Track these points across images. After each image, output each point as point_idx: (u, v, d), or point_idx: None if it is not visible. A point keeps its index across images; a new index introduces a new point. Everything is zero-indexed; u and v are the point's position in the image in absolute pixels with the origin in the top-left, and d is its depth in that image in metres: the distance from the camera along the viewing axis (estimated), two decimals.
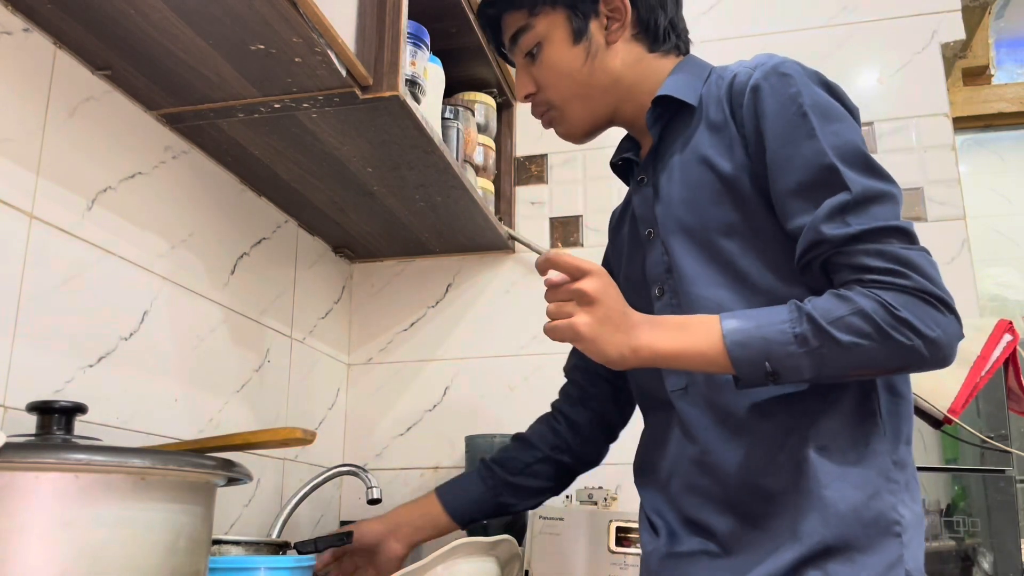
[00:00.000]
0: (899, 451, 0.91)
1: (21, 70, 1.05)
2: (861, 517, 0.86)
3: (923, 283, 0.84)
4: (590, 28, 1.03)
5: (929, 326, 0.83)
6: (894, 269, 0.84)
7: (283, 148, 1.39)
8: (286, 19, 1.05)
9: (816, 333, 0.84)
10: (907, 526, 0.88)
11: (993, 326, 1.34)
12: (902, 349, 0.83)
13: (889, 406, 0.92)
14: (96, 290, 1.15)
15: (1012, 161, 2.57)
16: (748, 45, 1.93)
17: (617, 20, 1.04)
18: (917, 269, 0.84)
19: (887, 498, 0.87)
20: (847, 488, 0.87)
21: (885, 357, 0.84)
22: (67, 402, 0.82)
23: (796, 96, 0.91)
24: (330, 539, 1.30)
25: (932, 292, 0.84)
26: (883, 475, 0.88)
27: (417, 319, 1.94)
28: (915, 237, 0.87)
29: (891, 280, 0.84)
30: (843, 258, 0.86)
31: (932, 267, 0.86)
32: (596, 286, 0.87)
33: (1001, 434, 1.35)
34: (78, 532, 0.70)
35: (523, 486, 1.22)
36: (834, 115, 0.91)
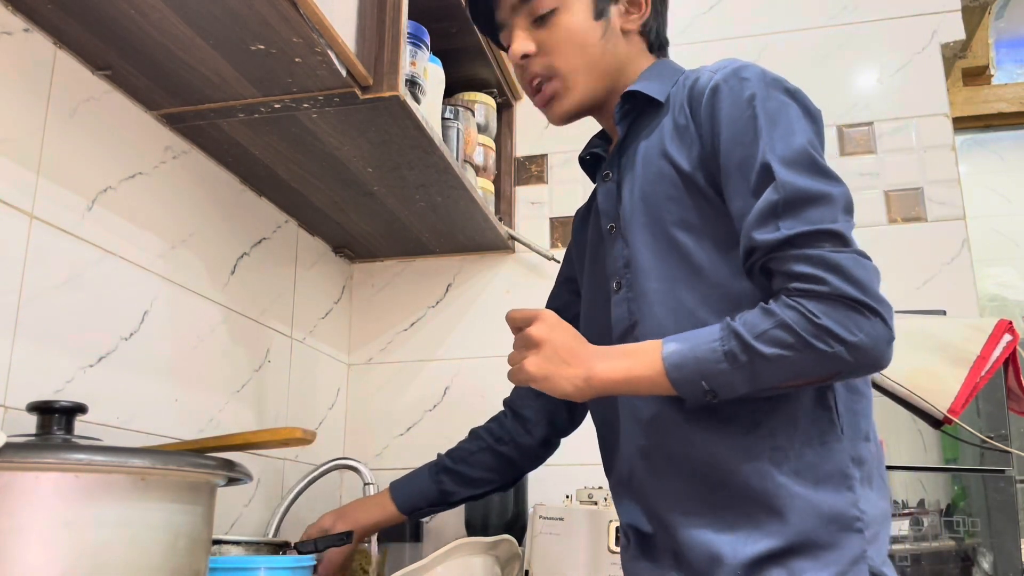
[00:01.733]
0: (858, 448, 0.91)
1: (21, 70, 1.05)
2: (821, 514, 0.87)
3: (843, 287, 0.83)
4: (610, 9, 1.04)
5: (851, 331, 0.82)
6: (817, 275, 0.83)
7: (283, 148, 1.39)
8: (286, 19, 1.05)
9: (743, 349, 0.85)
10: (869, 522, 0.88)
11: (993, 326, 1.34)
12: (825, 357, 0.83)
13: (847, 403, 0.92)
14: (96, 290, 1.15)
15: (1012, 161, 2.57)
16: (748, 45, 1.93)
17: (636, 12, 1.06)
18: (841, 273, 0.83)
19: (846, 495, 0.88)
20: (805, 487, 0.88)
21: (811, 366, 0.84)
22: (67, 402, 0.82)
23: (751, 99, 0.92)
24: (330, 539, 1.30)
25: (852, 296, 0.82)
26: (841, 472, 0.89)
27: (417, 319, 1.94)
28: (848, 239, 0.85)
29: (814, 287, 0.83)
30: (775, 264, 0.86)
31: (862, 269, 0.84)
32: (541, 329, 0.94)
33: (1001, 434, 1.35)
34: (78, 532, 0.70)
35: (464, 474, 1.24)
36: (784, 118, 0.91)
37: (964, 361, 1.32)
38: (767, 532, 0.88)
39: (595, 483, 1.51)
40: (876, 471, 0.93)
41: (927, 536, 1.37)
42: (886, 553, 0.90)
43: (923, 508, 1.39)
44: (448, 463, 1.25)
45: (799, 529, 0.87)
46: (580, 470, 1.62)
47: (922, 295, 1.71)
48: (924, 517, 1.37)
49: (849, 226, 0.87)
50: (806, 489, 0.88)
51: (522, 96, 1.99)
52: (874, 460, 0.92)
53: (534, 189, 1.97)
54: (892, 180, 1.80)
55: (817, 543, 0.87)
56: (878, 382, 1.33)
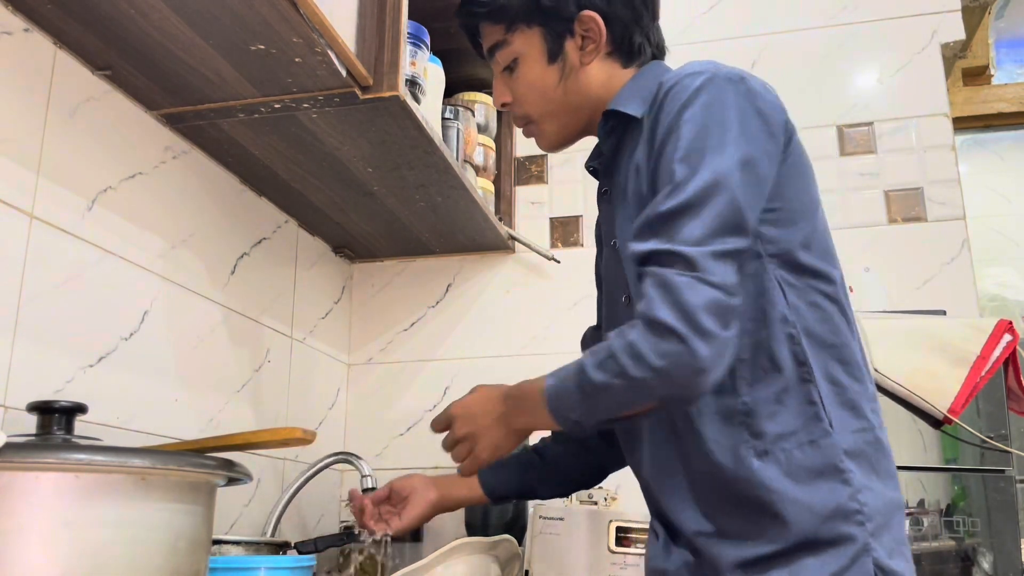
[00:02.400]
0: (851, 440, 0.89)
1: (21, 70, 1.05)
2: (818, 512, 0.86)
3: (656, 313, 0.82)
4: (565, 48, 1.03)
5: (658, 357, 0.81)
6: (652, 298, 0.83)
7: (283, 148, 1.39)
8: (286, 19, 1.05)
9: (585, 381, 0.87)
10: (871, 513, 0.87)
11: (993, 326, 1.34)
12: (637, 384, 0.83)
13: (833, 397, 0.90)
14: (96, 290, 1.15)
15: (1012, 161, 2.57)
16: (748, 45, 1.93)
17: (592, 41, 1.03)
18: (669, 297, 0.82)
19: (842, 489, 0.87)
20: (799, 488, 0.87)
21: (630, 394, 0.85)
22: (67, 402, 0.82)
23: (686, 104, 0.90)
24: (331, 539, 1.30)
25: (661, 321, 0.81)
26: (834, 467, 0.87)
27: (417, 319, 1.94)
28: (696, 263, 0.82)
29: (642, 310, 0.84)
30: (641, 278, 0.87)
31: (692, 294, 0.81)
32: (461, 426, 1.04)
33: (1001, 434, 1.35)
34: (78, 532, 0.70)
35: (550, 474, 1.24)
36: (714, 125, 0.88)
37: (964, 361, 1.32)
38: (770, 538, 0.88)
39: None
40: (879, 460, 0.91)
41: (927, 536, 1.36)
42: (899, 543, 0.89)
43: (923, 508, 1.39)
44: (536, 461, 1.24)
45: (799, 530, 0.86)
46: None
47: (922, 295, 1.71)
48: (924, 517, 1.37)
49: (709, 249, 0.83)
50: (801, 489, 0.87)
51: None
52: (875, 449, 0.91)
53: (534, 189, 1.97)
54: (892, 180, 1.80)
55: (818, 541, 0.86)
56: (878, 382, 1.33)
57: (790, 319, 0.90)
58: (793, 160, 0.94)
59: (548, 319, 1.85)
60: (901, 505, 0.91)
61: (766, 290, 0.90)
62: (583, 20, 1.02)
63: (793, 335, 0.90)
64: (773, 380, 0.90)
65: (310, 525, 1.71)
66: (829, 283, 0.93)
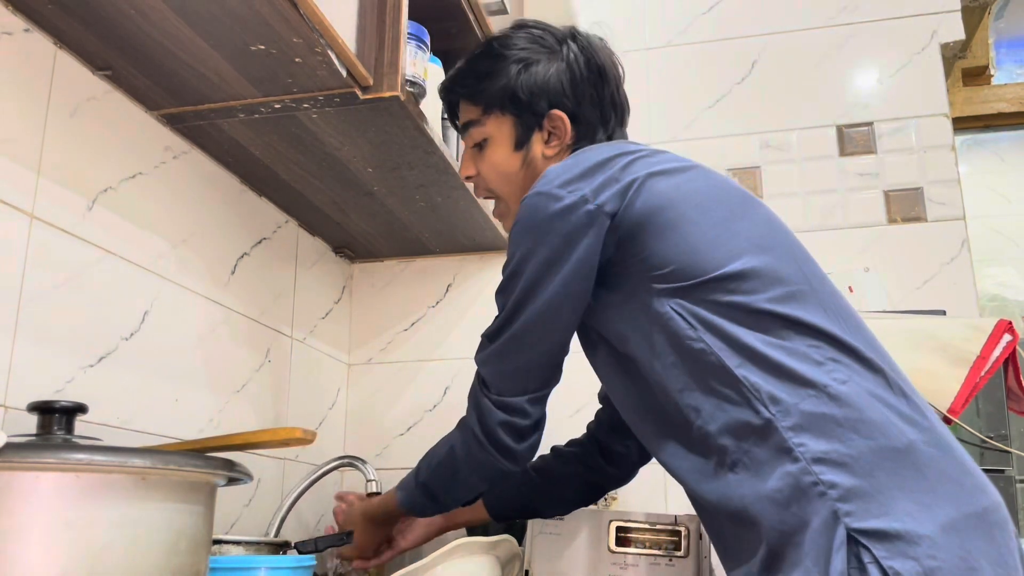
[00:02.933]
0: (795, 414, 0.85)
1: (21, 70, 1.05)
2: (779, 503, 0.84)
3: (468, 421, 1.08)
4: (531, 139, 1.11)
5: (469, 456, 1.09)
6: (467, 406, 1.08)
7: (283, 148, 1.39)
8: (286, 19, 1.05)
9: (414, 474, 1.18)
10: (835, 479, 0.81)
11: (993, 326, 1.34)
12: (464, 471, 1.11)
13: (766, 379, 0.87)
14: (96, 290, 1.15)
15: (1012, 161, 2.57)
16: (748, 45, 1.94)
17: (557, 137, 1.11)
18: (471, 411, 1.07)
19: (792, 468, 0.83)
20: (762, 484, 0.85)
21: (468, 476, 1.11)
22: (68, 402, 0.82)
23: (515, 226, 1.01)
24: (331, 539, 1.29)
25: (470, 428, 1.07)
26: (782, 450, 0.84)
27: (417, 319, 1.94)
28: (488, 383, 1.04)
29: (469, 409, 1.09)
30: None
31: (485, 413, 1.04)
32: (348, 548, 1.28)
33: (1001, 434, 1.35)
34: (79, 532, 0.70)
35: (553, 495, 1.29)
36: (518, 254, 0.99)
37: (964, 361, 1.32)
38: (754, 547, 0.87)
39: None
40: (839, 416, 0.84)
41: None
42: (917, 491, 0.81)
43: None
44: (537, 481, 1.28)
45: (770, 527, 0.84)
46: None
47: (922, 295, 1.71)
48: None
49: (496, 368, 1.04)
50: (764, 484, 0.85)
51: None
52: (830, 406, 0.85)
53: None
54: (892, 180, 1.80)
55: (789, 531, 0.83)
56: None
57: (696, 334, 0.90)
58: (643, 210, 0.94)
59: None
60: (902, 449, 0.83)
61: (666, 320, 0.92)
62: (552, 118, 1.10)
63: (704, 348, 0.90)
64: (712, 395, 0.90)
65: (310, 525, 1.71)
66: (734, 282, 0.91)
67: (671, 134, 1.94)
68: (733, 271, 0.92)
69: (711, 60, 1.96)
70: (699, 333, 0.91)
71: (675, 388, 0.93)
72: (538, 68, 1.10)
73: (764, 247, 0.95)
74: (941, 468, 0.83)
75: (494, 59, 1.12)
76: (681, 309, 0.92)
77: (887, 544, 0.78)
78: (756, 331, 0.90)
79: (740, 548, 0.90)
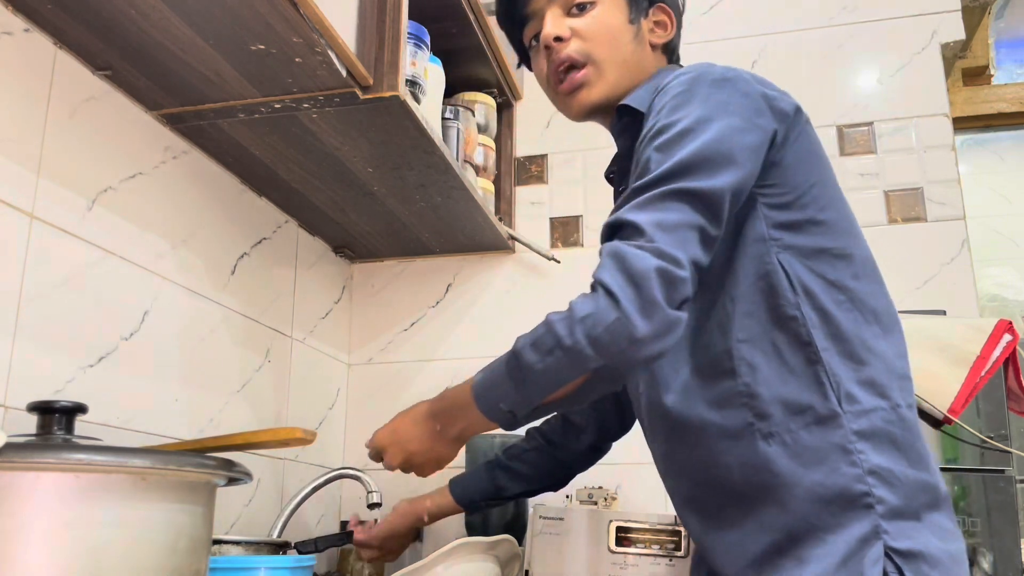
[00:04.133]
0: (864, 419, 0.86)
1: (21, 70, 1.05)
2: (820, 497, 0.84)
3: (601, 276, 0.80)
4: (641, 20, 1.07)
5: (594, 322, 0.79)
6: (599, 265, 0.82)
7: (283, 148, 1.39)
8: (286, 19, 1.05)
9: (516, 361, 0.85)
10: (885, 496, 0.83)
11: (993, 326, 1.34)
12: (570, 352, 0.80)
13: (846, 376, 0.87)
14: (96, 290, 1.15)
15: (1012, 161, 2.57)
16: (748, 45, 1.93)
17: (662, 29, 1.09)
18: (609, 262, 0.81)
19: (847, 471, 0.83)
20: (801, 471, 0.85)
21: (567, 365, 0.81)
22: (67, 402, 0.82)
23: (672, 101, 0.91)
24: (331, 539, 1.30)
25: (603, 285, 0.80)
26: (840, 448, 0.84)
27: (417, 319, 1.94)
28: (648, 234, 0.81)
29: (593, 275, 0.82)
30: None
31: (635, 260, 0.79)
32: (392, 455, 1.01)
33: (1001, 434, 1.35)
34: (78, 532, 0.70)
35: (517, 471, 1.31)
36: (690, 108, 0.88)
37: (964, 361, 1.32)
38: (769, 525, 0.86)
39: (595, 483, 1.51)
40: (905, 440, 0.86)
41: None
42: (933, 527, 0.85)
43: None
44: (503, 460, 1.31)
45: (800, 515, 0.84)
46: None
47: (922, 295, 1.71)
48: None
49: (669, 219, 0.82)
50: (806, 472, 0.84)
51: (522, 96, 1.99)
52: (900, 428, 0.87)
53: (534, 189, 1.97)
54: (892, 180, 1.80)
55: (821, 527, 0.83)
56: None
57: (795, 300, 0.88)
58: (799, 146, 0.93)
59: None
60: (935, 488, 0.86)
61: (769, 272, 0.89)
62: (661, 9, 1.08)
63: (798, 317, 0.88)
64: (778, 361, 0.88)
65: (310, 525, 1.71)
66: (844, 263, 0.91)
67: None
68: (848, 250, 0.91)
69: (711, 60, 1.95)
70: (798, 300, 0.88)
71: (738, 336, 0.89)
72: None
73: (863, 241, 0.96)
74: (946, 507, 0.88)
75: None
76: (790, 269, 0.89)
77: (914, 564, 0.81)
78: (853, 320, 0.89)
79: (741, 510, 0.89)
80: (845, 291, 0.90)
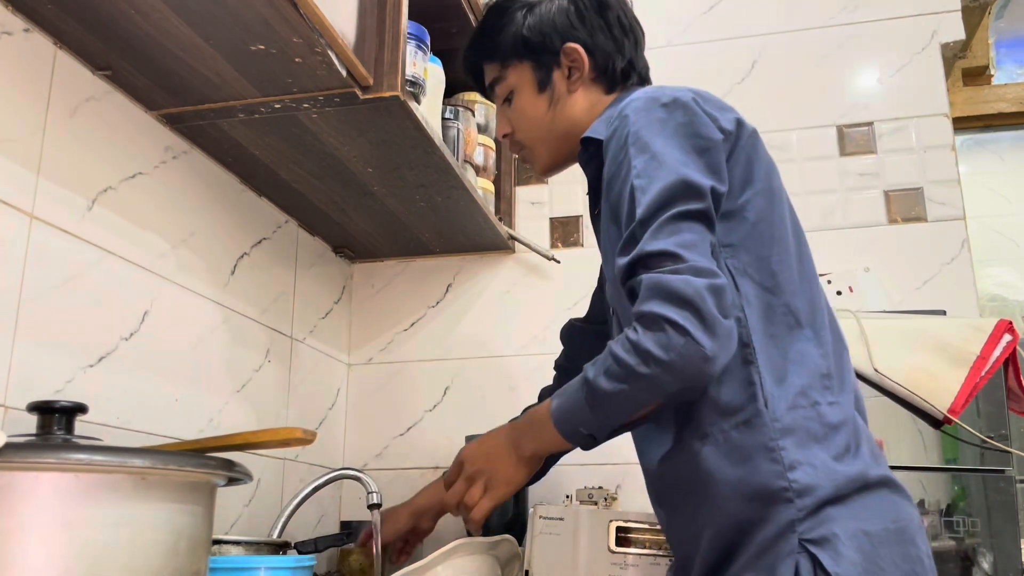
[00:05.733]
0: (790, 417, 0.89)
1: (21, 70, 1.05)
2: (743, 494, 0.88)
3: (652, 308, 0.84)
4: (553, 78, 1.13)
5: (664, 350, 0.83)
6: (646, 299, 0.85)
7: (283, 148, 1.39)
8: (286, 19, 1.05)
9: (592, 392, 0.90)
10: (803, 489, 0.86)
11: (993, 326, 1.34)
12: (647, 380, 0.85)
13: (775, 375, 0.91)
14: (96, 290, 1.15)
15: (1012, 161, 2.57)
16: (748, 45, 1.93)
17: (576, 70, 1.12)
18: (664, 294, 0.84)
19: (768, 468, 0.87)
20: (729, 469, 0.89)
21: (646, 391, 0.87)
22: (67, 402, 0.82)
23: (625, 132, 0.95)
24: (331, 539, 1.30)
25: (659, 316, 0.84)
26: (763, 447, 0.88)
27: (417, 319, 1.94)
28: (681, 256, 0.85)
29: (639, 310, 0.86)
30: (632, 290, 0.89)
31: (685, 287, 0.84)
32: (471, 464, 1.06)
33: (1001, 434, 1.35)
34: (78, 532, 0.70)
35: None
36: (655, 141, 0.93)
37: (964, 361, 1.32)
38: (710, 522, 0.91)
39: (595, 483, 1.51)
40: (821, 434, 0.89)
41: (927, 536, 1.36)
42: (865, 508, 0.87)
43: (923, 508, 1.39)
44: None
45: (728, 512, 0.89)
46: (580, 470, 1.62)
47: (922, 295, 1.71)
48: (924, 517, 1.37)
49: (688, 239, 0.87)
50: (735, 470, 0.89)
51: None
52: (815, 423, 0.90)
53: (534, 189, 1.97)
54: (892, 180, 1.80)
55: (745, 522, 0.88)
56: (877, 382, 1.32)
57: (739, 303, 0.92)
58: (741, 158, 0.98)
59: (548, 319, 1.85)
60: (865, 477, 0.89)
61: None
62: (567, 52, 1.11)
63: (740, 318, 0.92)
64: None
65: (310, 525, 1.71)
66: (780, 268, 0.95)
67: None
68: (778, 263, 0.95)
69: (711, 60, 1.96)
70: (742, 303, 0.93)
71: None
72: (542, 8, 1.12)
73: (799, 254, 1.00)
74: (878, 490, 0.90)
75: (500, 14, 1.16)
76: (735, 272, 0.94)
77: (828, 549, 0.84)
78: (786, 326, 0.93)
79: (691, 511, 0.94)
80: (778, 294, 0.94)
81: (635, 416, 0.93)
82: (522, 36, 1.12)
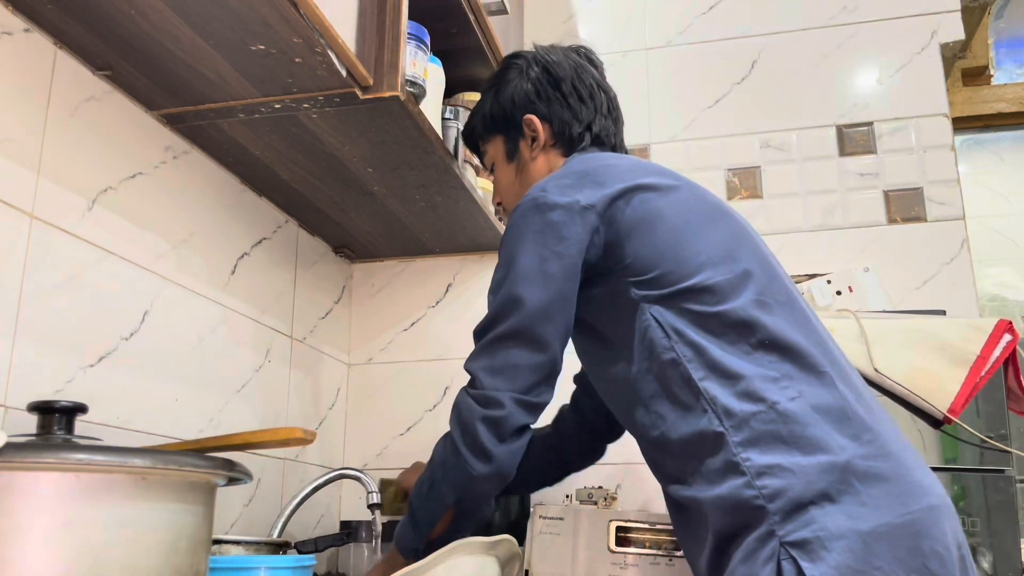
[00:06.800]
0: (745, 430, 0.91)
1: (22, 70, 1.05)
2: (724, 510, 0.91)
3: (450, 421, 1.03)
4: (519, 148, 1.25)
5: (441, 463, 1.04)
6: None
7: (283, 148, 1.39)
8: (286, 19, 1.05)
9: (409, 507, 1.08)
10: (772, 495, 0.87)
11: (993, 326, 1.34)
12: (435, 491, 1.05)
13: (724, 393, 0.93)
14: (96, 290, 1.15)
15: (1012, 161, 2.57)
16: (748, 45, 1.94)
17: (536, 139, 1.23)
18: (453, 408, 1.04)
19: (736, 481, 0.90)
20: (708, 490, 0.92)
21: (437, 501, 1.05)
22: (68, 402, 0.82)
23: (504, 235, 1.07)
24: (331, 539, 1.30)
25: (449, 432, 1.04)
26: (730, 463, 0.91)
27: (417, 319, 1.94)
28: (478, 382, 1.01)
29: None
30: None
31: (465, 410, 1.01)
32: None
33: (1001, 434, 1.35)
34: (79, 532, 0.70)
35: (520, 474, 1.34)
36: (507, 250, 1.04)
37: (964, 361, 1.32)
38: (705, 542, 0.94)
39: (595, 483, 1.51)
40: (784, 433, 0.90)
41: None
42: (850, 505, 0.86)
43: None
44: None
45: (716, 529, 0.92)
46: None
47: (922, 295, 1.71)
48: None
49: (497, 364, 1.01)
50: (711, 490, 0.92)
51: None
52: (777, 424, 0.90)
53: None
54: (892, 180, 1.80)
55: (732, 534, 0.91)
56: (877, 382, 1.32)
57: (670, 344, 0.96)
58: (629, 217, 1.01)
59: None
60: (841, 466, 0.87)
61: (647, 328, 0.99)
62: (527, 123, 1.23)
63: (675, 358, 0.96)
64: (677, 404, 0.96)
65: (310, 525, 1.71)
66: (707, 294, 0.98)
67: (671, 134, 1.94)
68: (707, 282, 0.98)
69: (711, 60, 1.96)
70: (672, 343, 0.97)
71: (646, 394, 0.99)
72: (507, 88, 1.25)
73: (736, 259, 1.01)
74: (876, 482, 0.88)
75: (480, 98, 1.30)
76: (660, 317, 0.98)
77: (809, 550, 0.84)
78: (723, 343, 0.96)
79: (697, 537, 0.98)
80: (711, 318, 0.97)
81: (437, 529, 1.06)
82: (491, 114, 1.27)
